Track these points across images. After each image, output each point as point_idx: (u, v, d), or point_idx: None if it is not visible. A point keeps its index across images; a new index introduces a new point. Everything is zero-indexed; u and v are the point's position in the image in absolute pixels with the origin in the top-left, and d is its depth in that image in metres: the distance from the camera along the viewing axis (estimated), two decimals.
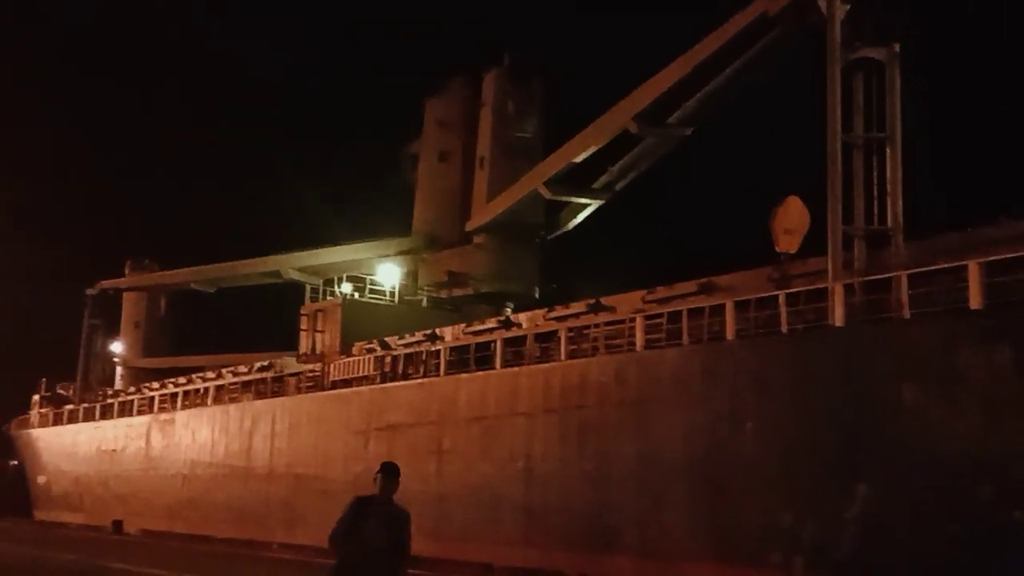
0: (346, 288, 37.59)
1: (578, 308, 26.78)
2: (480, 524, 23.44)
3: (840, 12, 20.68)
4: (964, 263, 16.94)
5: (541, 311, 28.89)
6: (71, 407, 51.81)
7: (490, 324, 29.71)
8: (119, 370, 57.10)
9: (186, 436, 39.10)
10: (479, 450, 25.19)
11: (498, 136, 38.77)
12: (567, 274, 39.95)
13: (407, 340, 31.45)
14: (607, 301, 25.89)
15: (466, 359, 27.28)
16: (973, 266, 16.72)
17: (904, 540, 16.54)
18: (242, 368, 39.34)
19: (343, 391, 31.95)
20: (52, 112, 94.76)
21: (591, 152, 33.19)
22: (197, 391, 41.16)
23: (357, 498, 7.72)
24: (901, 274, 18.13)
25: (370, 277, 38.21)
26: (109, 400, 48.59)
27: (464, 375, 26.96)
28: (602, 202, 36.18)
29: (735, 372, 19.95)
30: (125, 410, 45.72)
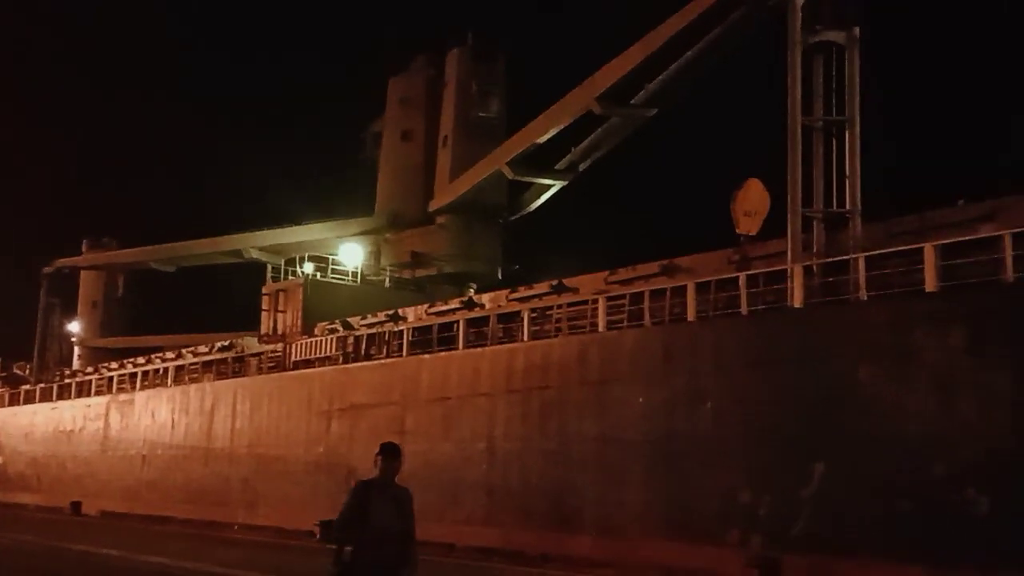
0: (308, 268, 37.36)
1: (541, 289, 26.87)
2: (443, 504, 23.49)
3: None
4: (920, 246, 17.22)
5: (504, 292, 28.95)
6: (28, 387, 51.11)
7: (453, 305, 29.72)
8: (76, 350, 56.43)
9: (145, 417, 38.72)
10: (441, 430, 25.23)
11: (461, 115, 38.64)
12: (530, 255, 40.08)
13: (370, 320, 31.37)
14: (570, 282, 25.98)
15: (429, 339, 27.29)
16: (929, 249, 16.99)
17: (860, 517, 16.83)
18: (202, 348, 39.02)
19: (305, 371, 31.80)
20: (5, 91, 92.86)
21: (554, 132, 33.21)
22: (156, 371, 40.74)
23: (360, 482, 7.59)
24: (859, 256, 18.37)
25: (332, 257, 38.00)
26: (67, 380, 48.00)
27: (427, 356, 26.96)
28: (565, 183, 36.23)
29: (695, 353, 20.13)
30: (83, 390, 45.16)
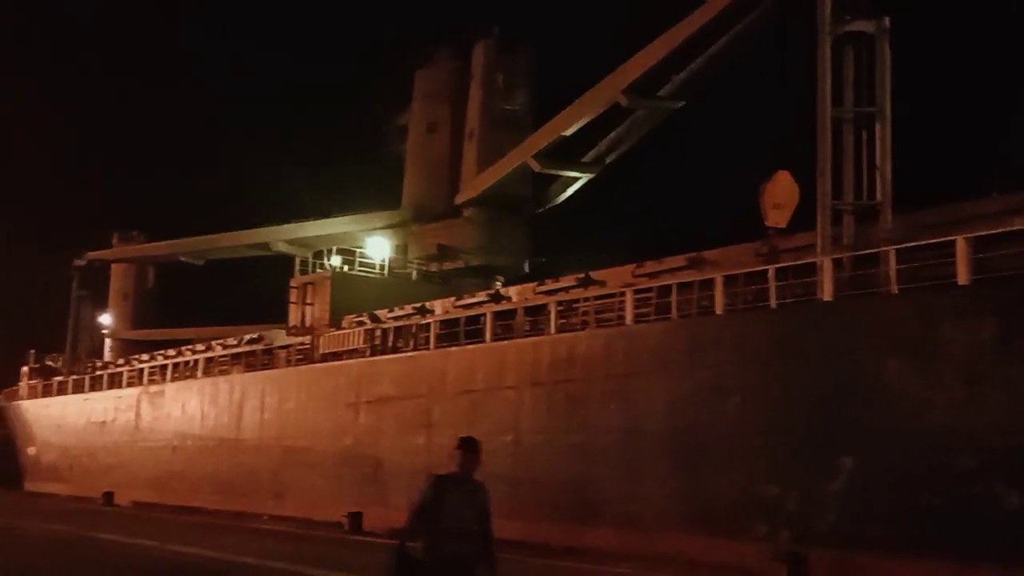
0: (335, 261, 37.48)
1: (568, 282, 26.80)
2: None
3: None
4: (952, 238, 17.00)
5: (531, 285, 28.90)
6: (60, 379, 51.73)
7: (480, 298, 29.72)
8: (108, 342, 57.00)
9: (175, 408, 39.10)
10: (468, 423, 25.26)
11: (487, 108, 38.58)
12: (557, 248, 39.92)
13: (397, 313, 31.45)
14: (597, 275, 25.90)
15: (456, 332, 27.32)
16: (961, 241, 16.78)
17: (886, 512, 16.69)
18: (231, 340, 39.30)
19: (333, 364, 31.96)
20: (38, 85, 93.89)
21: (581, 125, 33.06)
22: (186, 363, 41.12)
23: (435, 476, 7.25)
24: (889, 249, 18.18)
25: (359, 250, 38.09)
26: (98, 372, 48.53)
27: (454, 348, 27.00)
28: (592, 175, 36.09)
29: (722, 346, 20.01)
30: (114, 382, 45.67)
